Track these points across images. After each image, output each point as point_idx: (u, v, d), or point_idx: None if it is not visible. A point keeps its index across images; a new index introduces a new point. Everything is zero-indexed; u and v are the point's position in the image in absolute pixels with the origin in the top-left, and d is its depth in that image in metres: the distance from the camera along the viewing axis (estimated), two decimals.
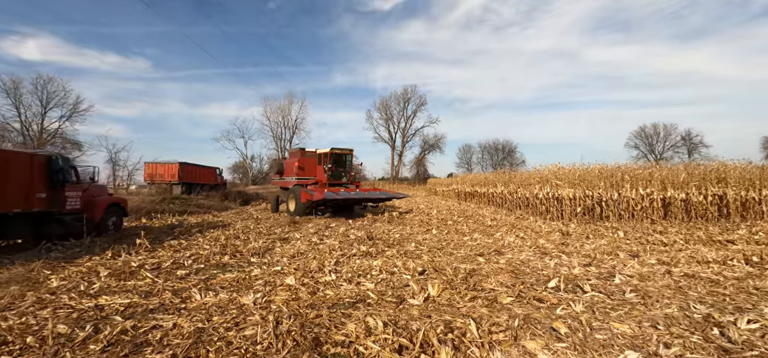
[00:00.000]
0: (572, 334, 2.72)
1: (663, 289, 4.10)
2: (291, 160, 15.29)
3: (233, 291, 3.98)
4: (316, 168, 14.22)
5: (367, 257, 5.88)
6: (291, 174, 14.88)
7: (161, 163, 26.13)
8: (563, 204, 11.55)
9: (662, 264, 5.31)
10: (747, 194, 11.12)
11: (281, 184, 15.88)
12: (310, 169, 14.37)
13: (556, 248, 6.64)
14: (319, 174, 14.06)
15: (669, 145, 55.86)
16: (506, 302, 3.53)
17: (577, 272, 4.81)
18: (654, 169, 12.28)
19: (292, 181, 14.45)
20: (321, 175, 13.88)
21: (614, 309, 3.36)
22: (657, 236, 7.75)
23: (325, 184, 13.55)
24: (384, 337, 2.50)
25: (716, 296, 3.81)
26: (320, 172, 13.95)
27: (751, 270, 4.88)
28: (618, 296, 3.77)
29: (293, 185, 14.12)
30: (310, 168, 14.39)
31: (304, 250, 6.70)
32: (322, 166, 13.86)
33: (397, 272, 4.78)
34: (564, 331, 2.74)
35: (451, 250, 6.72)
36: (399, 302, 3.57)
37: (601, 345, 2.56)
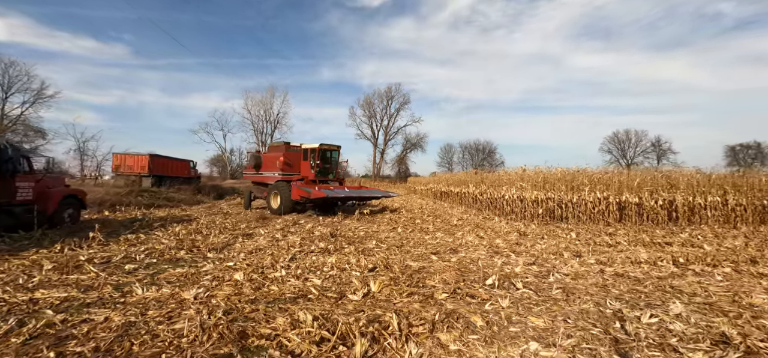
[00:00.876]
0: (487, 327, 2.94)
1: (590, 286, 4.42)
2: (273, 155, 14.59)
3: (178, 286, 4.00)
4: (301, 163, 13.78)
5: (324, 254, 5.99)
6: (272, 169, 14.21)
7: (130, 154, 25.26)
8: (526, 205, 12.01)
9: (599, 264, 5.69)
10: (694, 200, 11.91)
11: (257, 178, 15.20)
12: (295, 165, 13.90)
13: (509, 248, 6.96)
14: (304, 170, 13.63)
15: (640, 150, 58.76)
16: (440, 298, 3.73)
17: (519, 271, 5.10)
18: (613, 173, 12.97)
19: (274, 176, 13.95)
20: (307, 171, 13.50)
21: (537, 305, 3.62)
22: (605, 238, 8.23)
23: (312, 180, 13.16)
24: (308, 330, 2.63)
25: (634, 294, 4.15)
26: (306, 167, 13.56)
27: (675, 270, 5.31)
28: (545, 293, 4.04)
29: (276, 180, 13.66)
30: (295, 163, 13.91)
31: (264, 246, 6.73)
32: (307, 161, 13.50)
33: (348, 269, 4.91)
34: (480, 324, 2.96)
35: (409, 247, 6.92)
36: (339, 297, 3.71)
37: (510, 337, 2.78)
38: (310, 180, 13.15)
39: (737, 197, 12.05)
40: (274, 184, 13.59)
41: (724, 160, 54.23)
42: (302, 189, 12.27)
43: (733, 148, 55.65)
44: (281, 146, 14.74)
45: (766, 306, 3.77)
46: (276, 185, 13.38)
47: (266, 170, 14.58)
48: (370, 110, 57.89)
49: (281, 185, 13.04)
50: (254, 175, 15.31)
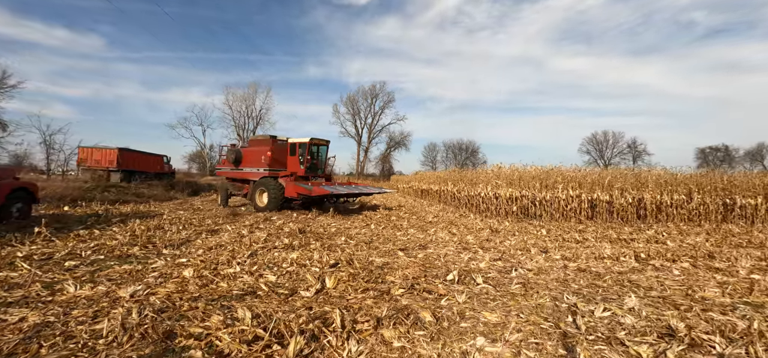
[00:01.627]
0: (436, 323, 2.83)
1: (551, 282, 4.40)
2: (256, 149, 13.60)
3: (118, 284, 3.73)
4: (288, 158, 13.06)
5: (287, 250, 5.78)
6: (256, 164, 13.32)
7: (98, 148, 24.08)
8: (501, 203, 12.11)
9: (564, 259, 5.72)
10: (661, 198, 12.29)
11: (237, 175, 14.14)
12: (281, 160, 13.11)
13: (478, 244, 6.93)
14: (292, 165, 12.89)
15: (617, 151, 60.77)
16: (396, 294, 3.60)
17: (483, 266, 5.04)
18: (586, 172, 13.25)
19: (258, 172, 13.09)
20: (295, 167, 12.77)
21: (494, 300, 3.55)
22: (574, 234, 8.34)
23: (301, 176, 12.56)
24: (242, 329, 2.44)
25: (593, 288, 4.15)
26: (294, 163, 12.85)
27: (636, 265, 5.38)
28: (505, 288, 3.99)
29: (261, 176, 12.86)
30: (281, 158, 13.12)
31: (227, 242, 6.45)
32: (295, 157, 12.81)
33: (308, 265, 4.73)
34: (429, 320, 2.85)
35: (378, 244, 6.79)
36: (290, 294, 3.53)
37: (458, 333, 2.68)
38: (298, 176, 12.55)
39: (702, 195, 12.50)
40: (259, 180, 12.72)
41: (695, 161, 56.81)
42: (301, 186, 11.65)
43: (703, 151, 58.37)
44: (267, 140, 13.66)
45: (717, 299, 3.83)
46: (263, 181, 12.54)
47: (248, 166, 13.62)
48: (354, 108, 57.55)
49: (269, 181, 12.30)
50: (232, 172, 14.26)
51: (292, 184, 11.94)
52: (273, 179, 12.38)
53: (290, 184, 11.97)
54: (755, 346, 2.48)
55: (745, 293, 3.98)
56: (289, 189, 11.96)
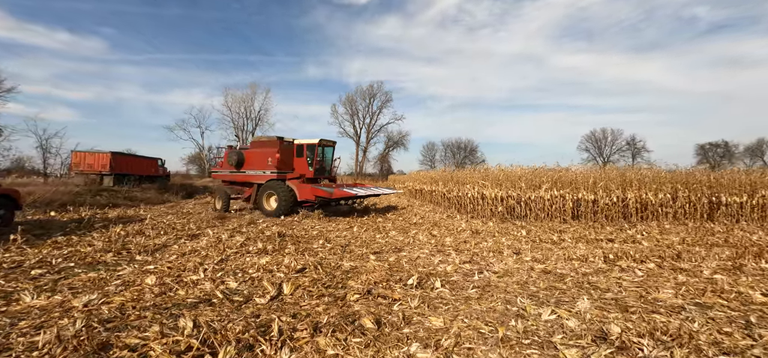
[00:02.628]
0: (377, 329, 2.88)
1: (512, 284, 4.45)
2: (261, 151, 12.90)
3: (76, 292, 3.77)
4: (295, 160, 12.72)
5: (259, 255, 5.82)
6: (261, 166, 12.66)
7: (91, 152, 24.16)
8: (486, 203, 12.16)
9: (534, 260, 5.77)
10: (645, 196, 12.34)
11: (238, 178, 13.39)
12: (288, 162, 12.68)
13: (454, 246, 6.98)
14: (301, 167, 12.54)
15: (615, 149, 60.64)
16: (351, 300, 3.65)
17: (449, 269, 5.10)
18: (572, 172, 13.29)
19: (264, 174, 12.49)
20: (303, 168, 12.47)
21: (446, 304, 3.60)
22: (553, 235, 8.39)
23: (310, 179, 12.32)
24: (177, 339, 2.49)
25: (551, 290, 4.20)
26: (302, 164, 12.53)
27: (603, 266, 5.43)
28: (462, 291, 4.04)
29: (268, 179, 12.31)
30: (288, 160, 12.70)
31: (203, 247, 6.49)
32: (303, 158, 12.54)
33: (274, 271, 4.78)
34: (369, 326, 2.90)
35: (354, 247, 6.83)
36: (245, 301, 3.58)
37: (396, 339, 2.73)
38: (307, 178, 12.36)
39: (687, 193, 12.54)
40: (267, 183, 12.24)
41: (695, 158, 56.68)
42: (320, 188, 11.39)
43: (703, 147, 58.16)
44: (273, 141, 12.99)
45: (669, 301, 3.88)
46: (271, 184, 12.08)
47: (252, 168, 12.93)
48: (353, 108, 57.58)
49: (278, 184, 11.93)
50: (233, 175, 13.47)
51: (307, 186, 11.66)
52: (282, 182, 12.02)
53: (303, 186, 11.70)
54: (682, 349, 2.53)
55: (697, 295, 4.03)
56: (304, 192, 11.62)
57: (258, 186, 12.66)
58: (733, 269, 5.27)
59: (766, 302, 3.84)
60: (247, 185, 13.34)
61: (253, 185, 12.83)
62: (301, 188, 11.75)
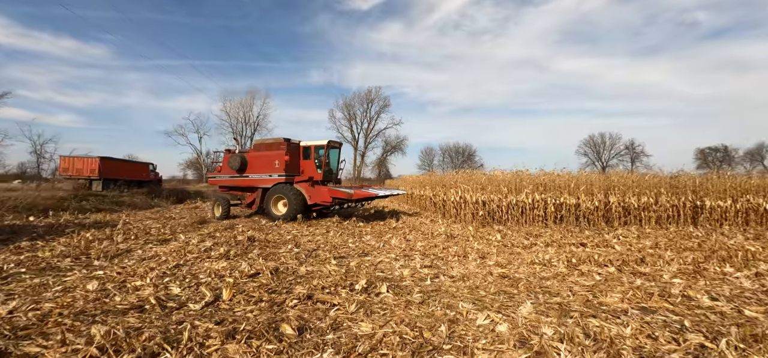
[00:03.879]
0: (297, 336, 2.82)
1: (463, 288, 4.39)
2: (266, 153, 12.32)
3: (12, 298, 3.70)
4: (302, 162, 12.38)
5: (219, 260, 5.75)
6: (267, 169, 12.16)
7: (79, 157, 24.10)
8: (467, 207, 12.11)
9: (498, 265, 5.71)
10: (628, 200, 12.30)
11: (241, 182, 12.76)
12: (295, 164, 12.30)
13: (423, 251, 6.92)
14: (310, 169, 12.22)
15: (614, 153, 60.37)
16: (288, 305, 3.59)
17: (406, 273, 5.03)
18: (554, 176, 13.26)
19: (271, 178, 12.05)
20: (312, 171, 12.14)
21: (384, 309, 3.53)
22: (523, 239, 8.32)
23: (318, 181, 12.06)
24: (77, 347, 2.43)
25: (499, 295, 4.14)
26: (310, 167, 12.22)
27: (563, 271, 5.36)
28: (406, 296, 3.97)
29: (275, 182, 11.92)
30: (294, 163, 12.32)
31: (167, 252, 6.41)
32: (310, 161, 12.23)
33: (225, 276, 4.71)
34: (289, 333, 2.84)
35: (321, 252, 6.76)
36: (178, 307, 3.52)
37: (313, 346, 2.67)
38: (315, 181, 12.11)
39: (671, 198, 12.51)
40: (274, 187, 11.90)
41: (695, 162, 56.32)
42: (339, 190, 11.18)
43: (703, 151, 57.49)
44: (279, 143, 12.38)
45: (614, 304, 3.83)
46: (279, 188, 11.75)
47: (256, 172, 12.44)
48: (350, 113, 57.62)
49: (287, 188, 11.63)
50: (234, 179, 12.87)
51: (323, 189, 11.36)
52: (290, 185, 11.72)
53: (319, 189, 11.39)
54: (598, 353, 2.48)
55: (645, 299, 3.97)
56: (320, 194, 11.32)
57: (263, 190, 12.27)
58: (693, 273, 5.22)
59: (712, 307, 3.79)
60: (249, 189, 12.87)
61: (257, 190, 12.43)
62: (315, 191, 11.42)
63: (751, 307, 3.74)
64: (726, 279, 4.94)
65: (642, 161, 56.92)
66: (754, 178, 13.47)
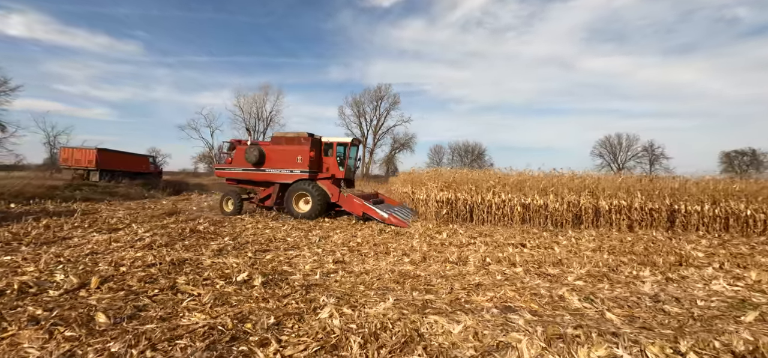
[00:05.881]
0: (111, 324, 2.91)
1: (346, 284, 4.42)
2: (288, 148, 11.66)
3: None
4: (324, 159, 11.89)
5: (138, 250, 5.91)
6: (287, 164, 11.55)
7: (78, 148, 24.98)
8: (429, 205, 12.05)
9: (412, 263, 5.70)
10: (598, 203, 12.02)
11: (257, 176, 11.99)
12: (319, 160, 11.84)
13: (354, 247, 6.96)
14: (332, 167, 11.73)
15: (631, 155, 57.83)
16: (147, 296, 3.68)
17: (307, 268, 5.09)
18: (525, 176, 13.06)
19: (292, 174, 11.47)
20: (334, 168, 11.69)
21: (240, 300, 3.60)
22: (475, 238, 8.25)
23: (341, 179, 11.83)
24: None
25: (381, 291, 4.17)
26: (332, 164, 11.75)
27: (470, 270, 5.32)
28: (277, 288, 4.03)
29: (297, 178, 11.40)
30: (318, 158, 11.86)
31: (98, 241, 6.59)
32: (332, 157, 11.79)
33: (126, 264, 4.85)
34: (102, 321, 2.92)
35: (251, 246, 6.87)
36: (36, 293, 3.66)
37: (117, 335, 2.75)
38: (338, 179, 11.82)
39: (646, 201, 12.16)
40: (296, 184, 11.40)
41: (720, 165, 53.49)
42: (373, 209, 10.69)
43: (728, 155, 53.78)
44: (303, 138, 11.63)
45: (479, 302, 3.81)
46: (303, 185, 11.32)
47: (275, 166, 11.71)
48: (360, 110, 57.45)
49: (310, 184, 11.25)
50: (248, 173, 12.07)
51: (356, 201, 11.00)
52: (313, 182, 11.36)
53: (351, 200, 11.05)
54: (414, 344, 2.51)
55: (515, 299, 3.92)
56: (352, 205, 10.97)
57: (282, 186, 11.71)
58: (601, 276, 5.11)
59: (579, 309, 3.72)
60: (264, 184, 12.15)
61: (274, 185, 11.80)
62: (346, 200, 11.05)
63: (616, 310, 3.65)
64: (629, 283, 4.82)
65: (661, 164, 54.36)
66: (737, 182, 13.00)
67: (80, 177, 23.76)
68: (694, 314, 3.63)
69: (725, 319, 3.51)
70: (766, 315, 3.59)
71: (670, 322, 3.41)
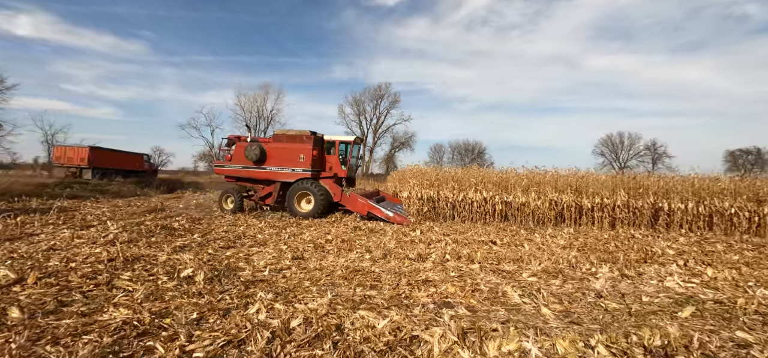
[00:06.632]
0: (25, 319, 2.90)
1: (293, 280, 4.40)
2: (290, 146, 11.48)
3: None
4: (327, 157, 11.83)
5: (97, 247, 5.91)
6: (289, 163, 11.41)
7: (71, 146, 25.04)
8: (411, 203, 12.01)
9: (372, 260, 5.68)
10: (580, 200, 11.96)
11: (257, 174, 11.78)
12: (321, 158, 11.80)
13: (319, 244, 6.94)
14: (334, 165, 11.71)
15: (633, 154, 57.31)
16: (80, 290, 3.66)
17: (261, 264, 5.07)
18: (508, 173, 13.02)
19: (294, 172, 11.33)
20: (337, 167, 11.65)
21: (173, 297, 3.58)
22: (447, 236, 8.22)
23: (343, 178, 11.76)
24: None
25: (315, 284, 4.16)
26: (335, 162, 11.70)
27: (427, 267, 5.29)
28: (216, 283, 4.01)
29: (299, 177, 11.25)
30: (321, 157, 11.82)
31: (64, 237, 6.59)
32: (334, 156, 11.72)
33: (77, 262, 4.85)
34: (15, 316, 2.92)
35: (219, 242, 6.86)
36: None
37: (22, 330, 2.74)
38: (341, 178, 11.74)
39: (628, 199, 12.11)
40: (298, 183, 11.26)
41: (724, 164, 52.94)
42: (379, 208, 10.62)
43: (733, 154, 53.39)
44: (306, 136, 11.49)
45: (419, 298, 3.78)
46: (305, 184, 11.20)
47: (277, 164, 11.55)
48: (360, 109, 57.26)
49: (313, 183, 11.18)
50: (248, 171, 11.82)
51: (359, 200, 10.91)
52: (316, 181, 11.28)
53: (354, 199, 11.00)
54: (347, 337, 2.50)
55: (456, 295, 3.90)
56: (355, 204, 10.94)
57: (283, 185, 11.58)
58: (556, 272, 5.08)
59: (517, 304, 3.69)
60: (265, 182, 11.96)
61: (275, 183, 11.66)
62: (350, 199, 11.05)
63: (553, 306, 3.62)
64: (583, 279, 4.79)
65: (664, 163, 53.88)
66: (723, 181, 12.91)
67: (73, 175, 23.82)
68: (632, 309, 3.60)
69: (662, 314, 3.48)
70: (704, 311, 3.56)
71: (604, 317, 3.38)
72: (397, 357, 2.47)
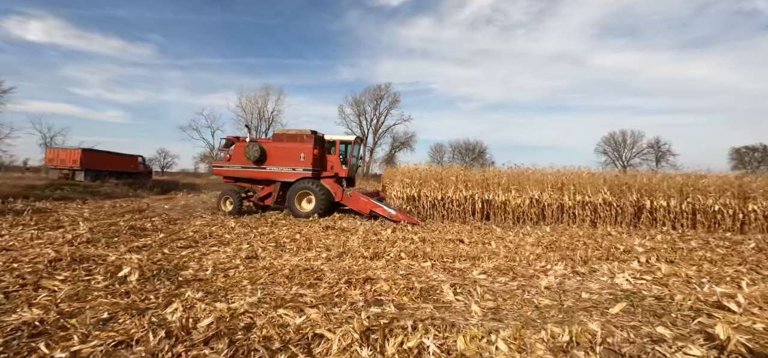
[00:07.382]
0: None
1: (233, 278, 4.36)
2: (291, 145, 11.40)
3: None
4: (328, 157, 11.76)
5: (61, 246, 5.89)
6: (288, 162, 11.32)
7: (63, 148, 25.16)
8: (393, 201, 11.95)
9: (327, 259, 5.63)
10: (562, 198, 11.86)
11: (257, 175, 11.66)
12: (322, 158, 11.73)
13: (280, 241, 6.90)
14: (335, 165, 11.67)
15: (636, 152, 56.66)
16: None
17: (208, 264, 5.03)
18: (489, 172, 12.94)
19: (295, 172, 11.23)
20: (337, 166, 11.63)
21: (103, 296, 3.55)
22: (414, 233, 8.16)
23: (344, 178, 11.70)
24: None
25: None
26: (336, 162, 11.67)
27: (381, 265, 5.25)
28: (157, 282, 3.98)
29: (300, 176, 11.17)
30: (322, 156, 11.74)
31: (25, 238, 6.58)
32: (335, 155, 11.70)
33: (24, 258, 4.82)
34: None
35: (180, 243, 6.82)
36: None
37: None
38: (341, 177, 11.67)
39: (614, 197, 12.00)
40: (299, 182, 11.16)
41: (730, 162, 52.19)
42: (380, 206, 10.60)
43: (739, 151, 52.54)
44: (306, 135, 11.44)
45: (353, 297, 3.73)
46: (305, 184, 11.11)
47: (277, 164, 11.45)
48: (360, 109, 57.11)
49: (313, 183, 11.12)
50: (247, 171, 11.72)
51: (363, 198, 10.93)
52: (317, 181, 11.25)
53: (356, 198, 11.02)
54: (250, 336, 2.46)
55: (390, 293, 3.84)
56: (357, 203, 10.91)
57: (284, 185, 11.51)
58: (507, 270, 5.01)
59: (451, 301, 3.63)
60: (265, 182, 11.85)
61: (275, 183, 11.59)
62: (352, 199, 11.01)
63: (485, 303, 3.56)
64: (533, 277, 4.72)
65: (668, 161, 53.14)
66: (707, 177, 12.78)
67: (65, 177, 23.89)
68: (564, 306, 3.53)
69: (594, 310, 3.41)
70: (637, 307, 3.49)
71: (531, 313, 3.31)
72: (289, 355, 2.41)
